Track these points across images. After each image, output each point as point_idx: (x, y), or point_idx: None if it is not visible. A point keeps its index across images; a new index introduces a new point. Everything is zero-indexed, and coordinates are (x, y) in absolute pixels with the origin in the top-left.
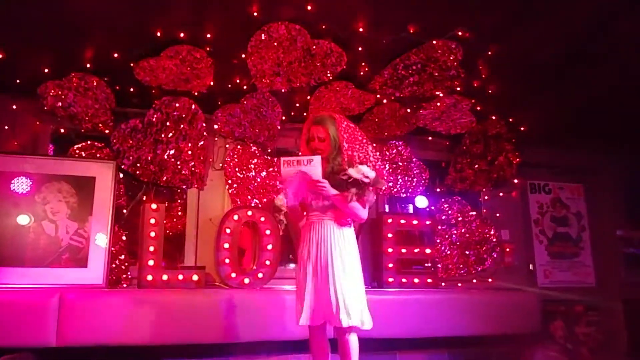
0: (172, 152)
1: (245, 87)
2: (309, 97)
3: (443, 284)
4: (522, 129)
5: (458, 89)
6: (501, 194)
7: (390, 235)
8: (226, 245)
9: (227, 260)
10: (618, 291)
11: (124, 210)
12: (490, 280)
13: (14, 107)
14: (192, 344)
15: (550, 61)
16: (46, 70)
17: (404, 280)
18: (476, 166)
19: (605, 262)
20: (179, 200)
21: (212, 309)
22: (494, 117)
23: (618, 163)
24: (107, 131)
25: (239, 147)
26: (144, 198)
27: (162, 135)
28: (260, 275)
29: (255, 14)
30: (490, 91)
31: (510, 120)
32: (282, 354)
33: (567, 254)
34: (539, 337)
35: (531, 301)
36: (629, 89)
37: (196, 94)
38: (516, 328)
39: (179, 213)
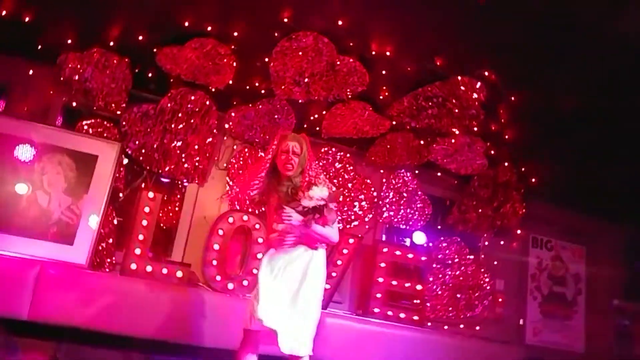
0: (179, 143)
1: (262, 92)
2: (324, 112)
3: (429, 323)
4: (533, 180)
5: (475, 129)
6: (502, 243)
7: (383, 264)
8: (216, 246)
9: (214, 262)
10: None
11: (120, 194)
12: (477, 328)
13: (31, 72)
14: (163, 340)
15: (571, 118)
16: (69, 41)
17: (389, 312)
18: (481, 210)
19: (597, 329)
20: (178, 195)
21: (190, 308)
22: (506, 164)
23: (620, 231)
24: (118, 112)
25: (246, 149)
26: (143, 185)
27: (172, 125)
28: (245, 282)
29: (285, 19)
30: (507, 137)
31: (522, 170)
32: None
33: (559, 315)
34: None
35: (516, 356)
36: None
37: (213, 89)
38: None
39: (176, 208)
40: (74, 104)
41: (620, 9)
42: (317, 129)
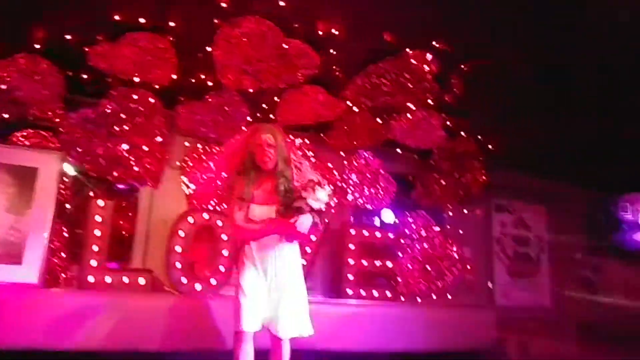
0: (126, 146)
1: (210, 84)
2: (277, 99)
3: (403, 298)
4: (491, 148)
5: (430, 102)
6: (465, 212)
7: (352, 246)
8: (178, 249)
9: (178, 265)
10: (573, 312)
11: (67, 205)
12: (449, 296)
13: None
14: (134, 351)
15: (525, 83)
16: None
17: (363, 292)
18: (443, 182)
19: (562, 284)
20: (131, 196)
21: (158, 315)
22: (463, 134)
23: (581, 192)
24: (56, 120)
25: (199, 146)
26: (91, 194)
27: (116, 128)
28: (213, 281)
29: (223, 4)
30: (463, 108)
31: (480, 138)
32: None
33: (525, 274)
34: (494, 354)
35: (488, 319)
36: (601, 121)
37: (157, 87)
38: (473, 345)
39: (130, 211)
40: (6, 115)
41: None
42: (272, 117)
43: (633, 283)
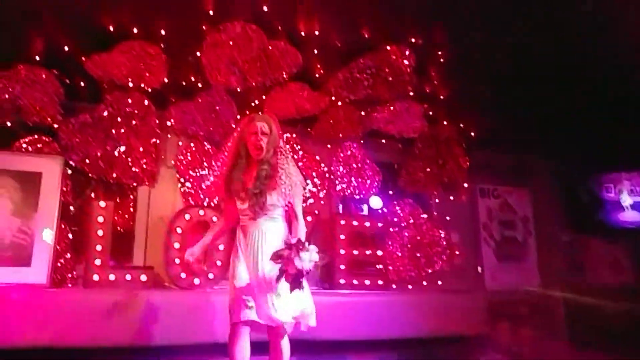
0: (122, 148)
1: (200, 85)
2: (264, 97)
3: (394, 285)
4: (472, 133)
5: (411, 93)
6: (452, 198)
7: (342, 236)
8: (176, 245)
9: (176, 260)
10: (560, 292)
11: (71, 207)
12: (439, 282)
13: None
14: (138, 345)
15: (499, 68)
16: None
17: (355, 281)
18: (427, 169)
19: (550, 265)
20: (130, 196)
21: (161, 310)
22: (444, 122)
23: (556, 166)
24: (55, 125)
25: (192, 144)
26: (92, 195)
27: (113, 131)
28: (211, 275)
29: (210, 12)
30: (441, 96)
31: (461, 125)
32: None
33: (513, 257)
34: (486, 338)
35: (478, 303)
36: (575, 96)
37: (149, 90)
38: (464, 329)
39: (130, 209)
40: (8, 123)
41: None
42: (259, 113)
43: (619, 262)
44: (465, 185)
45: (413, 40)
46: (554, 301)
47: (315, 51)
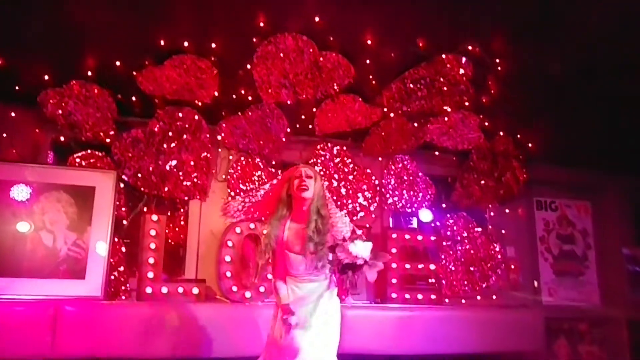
0: (174, 163)
1: (250, 99)
2: (315, 110)
3: (447, 300)
4: (529, 145)
5: (467, 104)
6: (507, 211)
7: (394, 250)
8: (228, 259)
9: (228, 274)
10: (623, 310)
11: (124, 221)
12: (494, 297)
13: (13, 114)
14: (190, 358)
15: (560, 79)
16: (46, 78)
17: (407, 296)
18: (483, 182)
19: (611, 280)
20: (182, 210)
21: (212, 323)
22: (501, 134)
23: (625, 182)
24: (108, 140)
25: (242, 159)
26: (145, 209)
27: (165, 146)
28: (262, 289)
29: (261, 24)
30: (499, 108)
31: (518, 137)
32: None
33: (572, 272)
34: (543, 355)
35: (535, 319)
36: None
37: (200, 104)
38: (520, 346)
39: (182, 222)
40: (62, 139)
41: None
42: (310, 127)
43: None
44: (522, 198)
45: (470, 47)
46: (616, 318)
47: (368, 62)
